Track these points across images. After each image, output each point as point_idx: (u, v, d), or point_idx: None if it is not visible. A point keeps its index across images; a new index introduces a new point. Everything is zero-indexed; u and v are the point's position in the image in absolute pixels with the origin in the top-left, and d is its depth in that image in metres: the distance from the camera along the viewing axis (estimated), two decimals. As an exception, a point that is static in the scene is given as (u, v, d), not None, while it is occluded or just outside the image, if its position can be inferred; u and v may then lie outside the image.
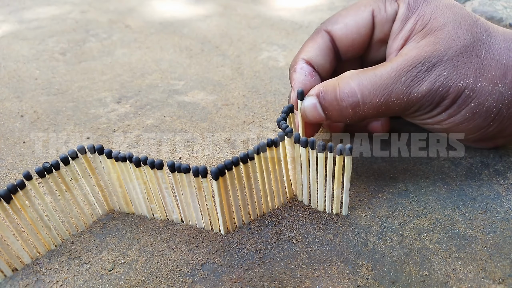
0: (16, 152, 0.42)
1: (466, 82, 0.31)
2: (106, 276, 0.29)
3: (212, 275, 0.29)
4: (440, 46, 0.31)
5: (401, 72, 0.30)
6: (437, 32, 0.31)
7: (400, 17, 0.34)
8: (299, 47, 0.39)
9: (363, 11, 0.35)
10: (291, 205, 0.34)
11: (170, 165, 0.29)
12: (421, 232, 0.31)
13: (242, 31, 0.74)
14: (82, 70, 0.60)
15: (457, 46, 0.31)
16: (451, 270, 0.28)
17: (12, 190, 0.27)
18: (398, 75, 0.30)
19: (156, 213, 0.33)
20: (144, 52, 0.66)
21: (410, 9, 0.33)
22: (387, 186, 0.36)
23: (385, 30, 0.35)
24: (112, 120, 0.47)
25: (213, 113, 0.48)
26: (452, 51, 0.31)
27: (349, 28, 0.35)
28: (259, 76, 0.57)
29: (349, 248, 0.30)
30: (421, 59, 0.30)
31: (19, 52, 0.67)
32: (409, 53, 0.31)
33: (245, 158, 0.29)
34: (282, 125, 0.32)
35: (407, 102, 0.31)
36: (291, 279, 0.28)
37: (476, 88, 0.31)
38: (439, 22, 0.32)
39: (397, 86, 0.30)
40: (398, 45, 0.34)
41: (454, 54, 0.31)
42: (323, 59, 0.36)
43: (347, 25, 0.35)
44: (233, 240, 0.31)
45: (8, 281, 0.29)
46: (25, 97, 0.53)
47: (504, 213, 0.33)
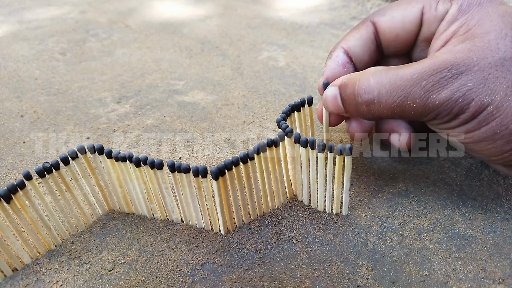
0: (16, 152, 0.42)
1: (492, 98, 0.28)
2: (106, 276, 0.29)
3: (212, 275, 0.29)
4: (474, 54, 0.28)
5: (423, 75, 0.28)
6: (477, 39, 0.29)
7: (449, 17, 0.32)
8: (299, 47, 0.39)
9: (413, 7, 0.34)
10: (291, 205, 0.34)
11: (170, 165, 0.29)
12: (421, 232, 0.31)
13: (242, 31, 0.74)
14: (82, 70, 0.60)
15: (493, 58, 0.28)
16: (451, 270, 0.28)
17: (12, 190, 0.27)
18: (419, 78, 0.29)
19: (156, 213, 0.33)
20: (144, 52, 0.66)
21: (460, 11, 0.31)
22: (387, 186, 0.36)
23: (432, 29, 0.33)
24: (112, 120, 0.47)
25: (213, 113, 0.48)
26: (486, 62, 0.28)
27: (395, 22, 0.34)
28: (259, 76, 0.57)
29: (349, 248, 0.30)
30: (449, 65, 0.28)
31: (19, 52, 0.67)
32: (440, 56, 0.29)
33: (245, 158, 0.29)
34: (282, 125, 0.32)
35: (423, 108, 0.29)
36: (291, 279, 0.28)
37: (503, 107, 0.28)
38: (482, 29, 0.29)
39: (416, 89, 0.29)
40: (438, 46, 0.32)
41: (487, 65, 0.28)
42: (362, 50, 0.35)
43: (393, 18, 0.34)
44: (233, 240, 0.31)
45: (8, 281, 0.29)
46: (25, 97, 0.53)
47: (504, 213, 0.33)
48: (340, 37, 0.70)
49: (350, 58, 0.35)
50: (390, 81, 0.30)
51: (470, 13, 0.30)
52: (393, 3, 0.35)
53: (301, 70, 0.58)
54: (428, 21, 0.33)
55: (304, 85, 0.54)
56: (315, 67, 0.59)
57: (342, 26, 0.74)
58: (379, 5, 0.81)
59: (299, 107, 0.35)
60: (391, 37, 0.35)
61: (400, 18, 0.34)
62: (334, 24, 0.75)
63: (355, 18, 0.77)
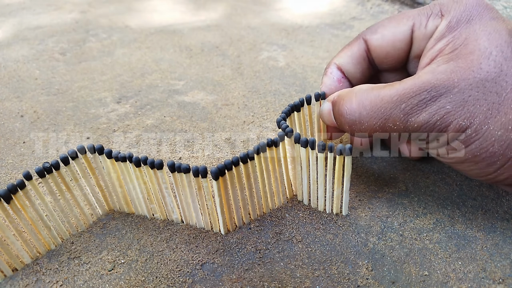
0: (16, 152, 0.42)
1: (470, 120, 0.27)
2: (106, 276, 0.29)
3: (212, 275, 0.29)
4: (456, 75, 0.27)
5: (403, 97, 0.28)
6: (460, 60, 0.28)
7: (436, 34, 0.31)
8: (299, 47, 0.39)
9: (403, 24, 0.33)
10: (291, 205, 0.34)
11: (170, 165, 0.29)
12: (421, 232, 0.31)
13: (242, 31, 0.74)
14: (82, 70, 0.60)
15: (474, 79, 0.27)
16: (451, 270, 0.28)
17: (12, 190, 0.27)
18: (399, 100, 0.28)
19: (156, 213, 0.33)
20: (144, 52, 0.66)
21: (448, 27, 0.30)
22: (387, 186, 0.36)
23: (422, 47, 0.33)
24: (112, 120, 0.47)
25: (213, 113, 0.48)
26: (466, 83, 0.27)
27: (385, 40, 0.34)
28: (259, 76, 0.57)
29: (349, 248, 0.30)
30: (429, 87, 0.27)
31: (19, 52, 0.67)
32: (422, 76, 0.28)
33: (245, 158, 0.29)
34: (282, 125, 0.32)
35: (403, 130, 0.29)
36: (291, 279, 0.28)
37: (481, 130, 0.27)
38: (467, 49, 0.28)
39: (395, 111, 0.28)
40: (424, 64, 0.31)
41: (468, 87, 0.27)
42: (354, 67, 0.36)
43: (384, 36, 0.34)
44: (233, 240, 0.31)
45: (8, 281, 0.29)
46: (25, 97, 0.53)
47: (504, 213, 0.33)
48: (340, 37, 0.70)
49: (343, 73, 0.36)
50: (371, 103, 0.30)
51: (458, 31, 0.30)
52: (384, 20, 0.35)
53: (301, 70, 0.58)
54: (418, 38, 0.33)
55: (304, 85, 0.54)
56: (315, 67, 0.59)
57: (342, 26, 0.74)
58: (379, 5, 0.81)
59: (299, 107, 0.35)
60: (382, 55, 0.35)
61: (390, 37, 0.34)
62: (334, 24, 0.75)
63: (355, 18, 0.77)
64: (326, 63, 0.60)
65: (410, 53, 0.34)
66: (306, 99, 0.35)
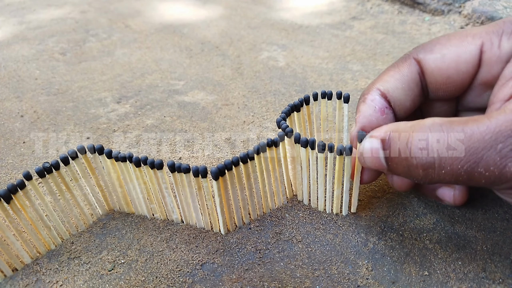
0: (16, 152, 0.42)
1: None
2: (106, 276, 0.29)
3: (212, 275, 0.29)
4: None
5: (499, 136, 0.22)
6: None
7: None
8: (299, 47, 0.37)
9: (469, 43, 0.28)
10: (291, 205, 0.34)
11: (170, 165, 0.29)
12: (421, 232, 0.31)
13: (242, 31, 0.74)
14: (82, 70, 0.60)
15: None
16: (451, 270, 0.28)
17: (12, 190, 0.27)
18: (494, 139, 0.22)
19: (156, 213, 0.33)
20: (144, 52, 0.66)
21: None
22: (387, 186, 0.36)
23: (494, 72, 0.27)
24: (112, 120, 0.47)
25: (213, 113, 0.48)
26: None
27: (447, 62, 0.28)
28: (259, 76, 0.57)
29: (349, 248, 0.30)
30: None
31: (19, 52, 0.67)
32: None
33: (245, 158, 0.29)
34: (282, 125, 0.32)
35: (498, 176, 0.23)
36: (291, 279, 0.28)
37: None
38: None
39: (489, 153, 0.23)
40: (506, 95, 0.25)
41: None
42: (404, 94, 0.29)
43: (444, 57, 0.28)
44: (233, 240, 0.31)
45: (8, 281, 0.29)
46: (25, 97, 0.53)
47: (504, 213, 0.33)
48: (340, 37, 0.70)
49: (388, 102, 0.29)
50: None
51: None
52: (441, 37, 0.29)
53: (301, 70, 0.58)
54: (489, 61, 0.27)
55: (304, 85, 0.54)
56: (315, 67, 0.59)
57: (342, 26, 0.74)
58: (379, 5, 0.81)
59: (299, 107, 0.35)
60: (441, 80, 0.29)
61: (454, 57, 0.28)
62: (334, 24, 0.75)
63: (355, 18, 0.77)
64: (326, 63, 0.60)
65: (475, 79, 0.29)
66: (305, 99, 0.36)
